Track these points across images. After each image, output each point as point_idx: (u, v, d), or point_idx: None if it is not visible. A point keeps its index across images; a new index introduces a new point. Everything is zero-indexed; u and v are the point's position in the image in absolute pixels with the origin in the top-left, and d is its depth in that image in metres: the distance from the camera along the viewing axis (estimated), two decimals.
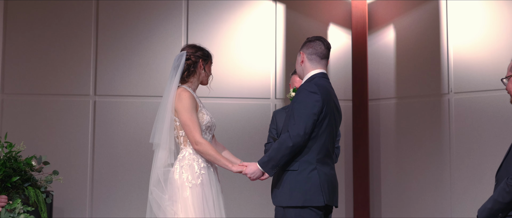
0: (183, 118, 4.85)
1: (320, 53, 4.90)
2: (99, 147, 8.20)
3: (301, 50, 4.93)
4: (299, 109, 4.68)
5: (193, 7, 8.42)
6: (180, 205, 4.80)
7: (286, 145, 4.63)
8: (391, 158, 8.24)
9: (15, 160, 4.20)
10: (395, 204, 8.15)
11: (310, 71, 4.89)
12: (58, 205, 7.98)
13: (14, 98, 8.23)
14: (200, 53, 5.06)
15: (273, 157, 4.67)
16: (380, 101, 8.37)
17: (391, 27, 8.36)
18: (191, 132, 4.83)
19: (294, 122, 4.65)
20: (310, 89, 4.71)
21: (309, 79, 4.84)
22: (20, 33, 8.28)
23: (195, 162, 4.86)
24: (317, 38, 4.96)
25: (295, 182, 4.68)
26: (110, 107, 8.27)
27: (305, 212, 4.67)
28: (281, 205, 4.73)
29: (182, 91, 4.92)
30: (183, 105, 4.85)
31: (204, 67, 5.04)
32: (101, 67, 8.30)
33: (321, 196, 4.68)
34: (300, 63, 4.92)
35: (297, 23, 8.47)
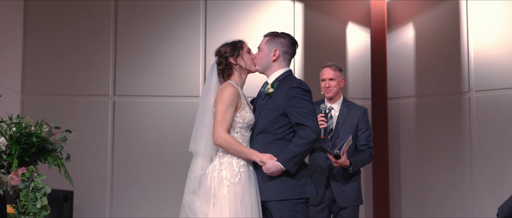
0: (217, 110, 4.78)
1: (292, 54, 5.03)
2: (118, 147, 8.22)
3: (276, 48, 4.95)
4: (306, 105, 4.75)
5: (211, 7, 8.43)
6: (215, 203, 4.72)
7: (311, 139, 4.68)
8: (411, 157, 8.19)
9: (27, 136, 4.23)
10: (415, 204, 8.11)
11: (281, 68, 4.96)
12: (79, 204, 8.01)
13: (34, 99, 8.28)
14: (225, 50, 5.00)
15: (297, 153, 4.68)
16: (400, 100, 8.33)
17: (410, 25, 8.32)
18: (216, 125, 4.78)
19: (307, 117, 4.72)
20: (304, 87, 4.81)
21: (287, 77, 4.91)
22: (39, 34, 8.33)
23: (235, 159, 4.78)
24: (290, 37, 5.02)
25: (288, 175, 4.72)
26: (129, 107, 8.29)
27: (298, 205, 4.72)
28: (274, 199, 4.73)
29: (228, 85, 4.85)
30: (222, 98, 4.80)
31: (237, 60, 4.98)
32: (120, 68, 8.32)
33: (313, 188, 4.80)
34: (272, 60, 4.94)
35: (316, 22, 8.45)
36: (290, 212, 4.69)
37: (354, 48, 8.44)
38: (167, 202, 8.10)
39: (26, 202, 4.25)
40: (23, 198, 4.25)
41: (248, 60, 4.97)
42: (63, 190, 7.52)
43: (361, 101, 8.32)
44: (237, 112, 4.82)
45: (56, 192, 7.44)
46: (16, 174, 4.26)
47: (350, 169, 5.75)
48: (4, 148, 4.27)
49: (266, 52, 4.95)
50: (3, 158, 4.27)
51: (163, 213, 8.06)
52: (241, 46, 5.00)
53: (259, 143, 4.82)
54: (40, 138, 4.29)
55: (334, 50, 8.42)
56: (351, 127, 5.86)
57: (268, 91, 4.88)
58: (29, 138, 4.25)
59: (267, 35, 5.03)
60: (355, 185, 5.85)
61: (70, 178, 4.45)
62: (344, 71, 8.33)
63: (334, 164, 5.69)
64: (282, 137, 4.80)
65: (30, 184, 4.27)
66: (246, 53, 4.99)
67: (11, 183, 4.25)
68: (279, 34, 5.01)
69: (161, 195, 8.13)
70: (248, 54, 4.99)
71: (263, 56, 4.96)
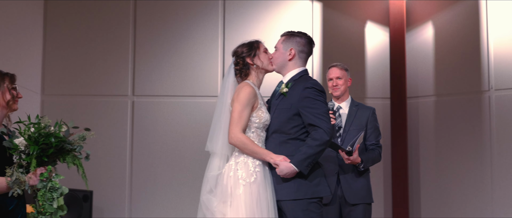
0: (233, 109, 4.80)
1: (309, 53, 5.03)
2: (137, 147, 8.25)
3: (292, 47, 4.95)
4: (320, 106, 4.76)
5: (230, 7, 8.43)
6: (231, 203, 4.73)
7: (324, 140, 4.69)
8: (430, 156, 8.16)
9: (46, 137, 4.26)
10: (434, 203, 8.07)
11: (296, 68, 4.96)
12: (98, 204, 8.05)
13: (54, 99, 8.32)
14: (242, 51, 5.02)
15: (310, 155, 4.68)
16: (419, 99, 8.29)
17: (429, 24, 8.28)
18: (232, 124, 4.78)
19: (321, 118, 4.72)
20: (319, 87, 4.80)
21: (301, 77, 4.91)
22: (59, 35, 8.38)
23: (250, 159, 4.78)
24: (306, 36, 5.02)
25: (302, 175, 4.71)
26: (148, 107, 8.32)
27: (312, 204, 4.72)
28: (288, 198, 4.73)
29: (245, 85, 4.87)
30: (239, 97, 4.81)
31: (254, 60, 4.99)
32: (139, 68, 8.35)
33: (327, 187, 4.80)
34: (288, 59, 4.95)
35: (334, 22, 8.44)
36: (304, 212, 4.68)
37: (372, 47, 8.42)
38: (185, 202, 8.11)
39: (43, 202, 4.27)
40: (40, 198, 4.28)
41: (265, 59, 4.98)
42: (82, 190, 7.55)
43: (380, 100, 8.29)
44: (253, 112, 4.83)
45: (76, 191, 7.47)
46: (34, 173, 4.28)
47: (361, 167, 5.76)
48: (23, 148, 4.30)
49: (282, 51, 4.96)
50: (22, 157, 4.30)
51: (181, 213, 8.07)
52: (257, 46, 5.01)
53: (273, 143, 4.82)
54: (58, 139, 4.31)
55: (353, 50, 8.40)
56: (360, 126, 5.90)
57: (282, 90, 4.88)
58: (48, 139, 4.28)
59: (284, 35, 5.05)
60: (364, 182, 5.88)
61: (86, 179, 4.46)
62: (363, 70, 8.34)
63: (345, 161, 5.69)
64: (296, 137, 4.79)
65: (47, 184, 4.29)
66: (263, 53, 4.99)
67: (29, 182, 4.27)
68: (296, 33, 5.01)
69: (180, 195, 8.15)
70: (265, 54, 5.00)
71: (279, 55, 4.97)
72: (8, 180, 4.25)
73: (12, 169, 4.28)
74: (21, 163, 4.32)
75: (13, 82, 4.55)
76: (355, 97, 7.98)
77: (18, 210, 4.40)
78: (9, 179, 4.25)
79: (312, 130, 4.73)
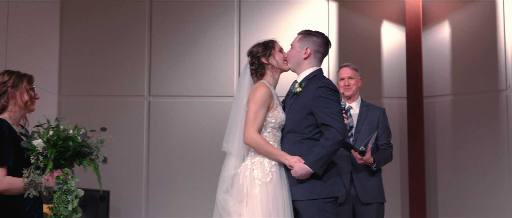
0: (249, 109, 4.79)
1: (325, 53, 5.02)
2: (153, 147, 8.27)
3: (308, 46, 4.95)
4: (333, 105, 4.74)
5: (245, 7, 8.44)
6: (247, 203, 4.72)
7: (337, 140, 4.68)
8: (448, 156, 8.12)
9: (64, 140, 4.27)
10: (452, 204, 8.03)
11: (311, 67, 4.95)
12: (115, 204, 8.07)
13: (70, 100, 8.36)
14: (257, 51, 5.01)
15: (324, 155, 4.67)
16: (436, 98, 8.26)
17: (446, 23, 8.25)
18: (247, 125, 4.78)
19: (335, 118, 4.71)
20: (332, 87, 4.79)
21: (315, 76, 4.90)
22: (75, 36, 8.41)
23: (266, 159, 4.78)
24: (323, 36, 5.01)
25: (317, 175, 4.70)
26: (164, 108, 8.33)
27: (327, 204, 4.71)
28: (303, 198, 4.73)
29: (261, 85, 4.87)
30: (254, 97, 4.81)
31: (269, 60, 4.99)
32: (155, 68, 8.37)
33: (342, 187, 4.80)
34: (303, 58, 4.94)
35: (350, 21, 8.42)
36: (319, 212, 4.68)
37: (389, 46, 8.39)
38: (202, 202, 8.12)
39: (58, 204, 4.28)
40: (55, 200, 4.29)
41: (280, 59, 4.98)
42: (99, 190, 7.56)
43: (397, 99, 8.27)
44: (269, 112, 4.82)
45: (93, 192, 7.49)
46: (51, 176, 4.30)
47: (373, 167, 5.76)
48: (41, 150, 4.32)
49: (298, 49, 4.96)
50: (40, 159, 4.32)
51: (197, 213, 8.08)
52: (272, 45, 5.01)
53: (288, 143, 4.82)
54: (76, 143, 4.32)
55: (369, 49, 8.38)
56: (372, 126, 5.91)
57: (296, 90, 4.88)
58: (66, 142, 4.29)
59: (301, 33, 5.04)
60: (377, 181, 5.88)
61: (100, 183, 4.48)
62: (379, 70, 8.31)
63: (358, 161, 5.69)
64: (310, 136, 4.78)
65: (63, 186, 4.31)
66: (278, 52, 4.99)
67: (45, 184, 4.29)
68: (313, 32, 5.00)
69: (196, 195, 8.16)
70: (280, 53, 4.99)
71: (295, 54, 4.97)
72: (25, 181, 4.27)
73: (29, 171, 4.30)
74: (38, 164, 4.34)
75: (31, 83, 4.57)
76: (371, 97, 7.99)
77: (35, 210, 4.41)
78: (26, 180, 4.27)
79: (325, 129, 4.72)
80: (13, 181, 4.30)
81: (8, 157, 4.31)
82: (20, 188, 4.31)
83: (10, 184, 4.29)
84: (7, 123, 4.40)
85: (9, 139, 4.34)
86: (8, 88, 4.47)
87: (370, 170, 5.82)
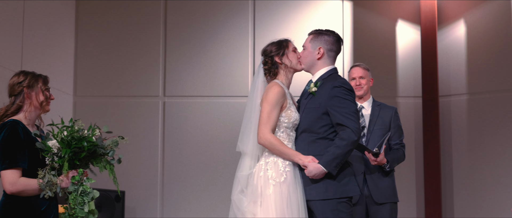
0: (262, 109, 4.79)
1: (338, 51, 5.00)
2: (168, 147, 8.28)
3: (321, 46, 4.93)
4: (348, 105, 4.73)
5: (260, 6, 8.43)
6: (262, 203, 4.72)
7: (352, 140, 4.66)
8: (463, 155, 8.09)
9: (78, 141, 4.28)
10: (467, 204, 7.99)
11: (325, 66, 4.94)
12: (130, 204, 8.09)
13: (86, 100, 8.39)
14: (271, 50, 5.00)
15: (338, 155, 4.66)
16: (451, 97, 8.23)
17: (461, 22, 8.21)
18: (261, 125, 4.78)
19: (349, 118, 4.69)
20: (347, 86, 4.78)
21: (330, 76, 4.88)
22: (90, 36, 8.44)
23: (280, 159, 4.78)
24: (334, 34, 4.99)
25: (331, 175, 4.69)
26: (179, 108, 8.35)
27: (341, 204, 4.70)
28: (317, 198, 4.72)
29: (274, 85, 4.86)
30: (267, 97, 4.80)
31: (282, 59, 4.98)
32: (169, 68, 8.38)
33: (356, 186, 4.77)
34: (317, 58, 4.92)
35: (365, 20, 8.40)
36: (333, 211, 4.66)
37: (404, 45, 8.37)
38: (217, 202, 8.13)
39: (74, 206, 4.29)
40: (71, 202, 4.31)
41: (294, 59, 4.96)
42: (115, 190, 7.59)
43: (412, 99, 8.24)
44: (282, 112, 4.82)
45: (108, 192, 7.52)
46: (66, 176, 4.31)
47: (387, 167, 5.75)
48: (56, 150, 4.33)
49: (310, 50, 4.94)
50: (55, 160, 4.33)
51: (213, 213, 8.09)
52: (286, 45, 5.00)
53: (302, 142, 4.81)
54: (90, 143, 4.33)
55: (384, 48, 8.36)
56: (384, 125, 5.89)
57: (311, 90, 4.86)
58: (80, 142, 4.30)
59: (311, 33, 5.03)
60: (390, 181, 5.86)
61: (117, 184, 4.49)
62: (394, 69, 8.29)
63: (371, 163, 5.68)
64: (324, 136, 4.77)
65: (78, 187, 4.32)
66: (292, 52, 4.98)
67: (61, 185, 4.30)
68: (323, 31, 4.99)
69: (211, 195, 8.16)
70: (294, 53, 4.98)
71: (307, 54, 4.96)
72: (40, 182, 4.29)
73: (44, 171, 4.32)
74: (53, 165, 4.35)
75: (46, 84, 4.59)
76: (387, 96, 7.97)
77: (50, 211, 4.43)
78: (41, 181, 4.29)
79: (340, 129, 4.71)
80: (28, 183, 4.32)
81: (22, 159, 4.32)
82: (35, 189, 4.32)
83: (25, 185, 4.31)
84: (22, 124, 4.41)
85: (24, 140, 4.36)
86: (24, 89, 4.49)
87: (383, 170, 5.81)
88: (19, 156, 4.31)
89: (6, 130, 4.33)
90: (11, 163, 4.29)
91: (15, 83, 4.51)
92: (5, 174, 4.30)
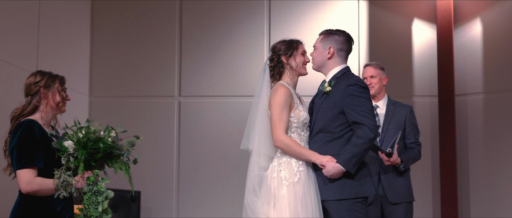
0: (272, 112, 4.80)
1: (348, 50, 4.99)
2: (184, 147, 8.29)
3: (331, 45, 4.92)
4: (363, 103, 4.70)
5: (275, 6, 8.43)
6: (275, 204, 4.72)
7: (369, 138, 4.64)
8: (480, 155, 8.04)
9: (94, 142, 4.28)
10: (484, 203, 7.95)
11: (337, 66, 4.92)
12: (146, 205, 8.10)
13: (101, 101, 8.41)
14: (280, 48, 5.00)
15: (356, 153, 4.63)
16: (467, 96, 8.18)
17: (477, 21, 8.17)
18: (274, 128, 4.79)
19: (365, 116, 4.67)
20: (362, 84, 4.76)
21: (344, 74, 4.87)
22: (106, 37, 8.46)
23: (293, 159, 4.78)
24: (345, 34, 4.99)
25: (347, 175, 4.67)
26: (195, 108, 8.35)
27: (356, 204, 4.68)
28: (333, 199, 4.70)
29: (280, 86, 4.86)
30: (275, 100, 4.81)
31: (289, 60, 4.97)
32: (185, 68, 8.39)
33: (372, 187, 4.75)
34: (327, 58, 4.91)
35: (381, 20, 8.37)
36: (348, 212, 4.65)
37: (420, 44, 8.33)
38: (232, 202, 8.13)
39: (88, 205, 4.30)
40: (86, 201, 4.31)
41: (300, 62, 4.97)
42: (130, 190, 7.60)
43: (428, 98, 8.21)
44: (291, 112, 4.82)
45: (124, 192, 7.53)
46: (82, 177, 4.32)
47: (401, 167, 5.72)
48: (72, 151, 4.34)
49: (321, 50, 4.95)
50: (70, 160, 4.33)
51: (228, 213, 8.09)
52: (296, 46, 4.99)
53: (318, 142, 4.80)
54: (106, 144, 4.33)
55: (400, 47, 8.33)
56: (399, 124, 5.88)
57: (325, 89, 4.85)
58: (96, 144, 4.30)
59: (322, 33, 5.03)
60: (405, 180, 5.84)
61: (132, 185, 4.49)
62: (410, 68, 8.25)
63: (385, 163, 5.66)
64: (340, 135, 4.76)
65: (93, 187, 4.32)
66: (300, 55, 4.97)
67: (76, 185, 4.31)
68: (334, 31, 4.98)
69: (227, 195, 8.16)
70: (302, 56, 4.98)
71: (318, 55, 4.96)
72: (56, 182, 4.29)
73: (59, 171, 4.32)
74: (69, 165, 4.35)
75: (63, 84, 4.60)
76: (402, 95, 7.94)
77: (65, 211, 4.44)
78: (57, 181, 4.29)
79: (356, 128, 4.69)
80: (43, 182, 4.32)
81: (38, 158, 4.33)
82: (50, 189, 4.33)
83: (40, 185, 4.32)
84: (38, 124, 4.42)
85: (40, 140, 4.36)
86: (41, 89, 4.50)
87: (398, 170, 5.78)
88: (34, 156, 4.32)
89: (22, 130, 4.34)
90: (27, 162, 4.30)
91: (32, 83, 4.51)
92: (20, 174, 4.31)
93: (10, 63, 6.61)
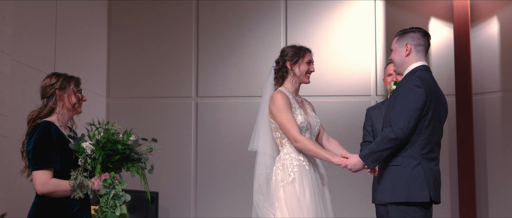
0: (279, 119, 4.89)
1: (426, 45, 4.82)
2: (201, 147, 8.31)
3: (407, 42, 4.79)
4: (403, 103, 4.56)
5: (292, 6, 8.42)
6: (277, 205, 4.88)
7: (389, 138, 4.53)
8: (498, 154, 8.00)
9: (113, 143, 4.29)
10: (503, 203, 7.90)
11: (413, 63, 4.77)
12: (164, 205, 8.13)
13: (119, 102, 8.44)
14: (287, 53, 5.05)
15: (374, 150, 4.60)
16: (485, 95, 8.14)
17: (494, 19, 8.12)
18: (288, 131, 4.87)
19: (398, 116, 4.55)
20: (414, 82, 4.58)
21: (411, 72, 4.72)
22: (123, 38, 8.50)
23: (288, 161, 4.90)
24: (419, 30, 4.86)
25: (398, 178, 4.55)
26: (212, 108, 8.37)
27: (410, 209, 4.54)
28: (383, 202, 4.64)
29: (275, 94, 4.97)
30: (276, 106, 4.90)
31: (293, 67, 5.01)
32: (202, 69, 8.41)
33: (427, 192, 4.53)
34: (405, 55, 4.78)
35: (397, 19, 8.35)
36: (402, 214, 4.54)
37: (437, 43, 8.30)
38: (250, 202, 8.05)
39: (106, 209, 4.31)
40: (103, 204, 4.32)
41: (303, 70, 5.04)
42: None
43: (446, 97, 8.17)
44: None
45: (142, 193, 7.56)
46: (99, 178, 4.33)
47: None
48: (89, 152, 4.35)
49: (398, 49, 4.81)
50: (88, 161, 4.35)
51: (246, 213, 8.09)
52: (303, 54, 5.05)
53: None
54: (125, 146, 4.34)
55: None
56: None
57: (390, 88, 4.87)
58: (115, 145, 4.31)
59: (397, 34, 4.90)
60: None
61: (148, 189, 4.48)
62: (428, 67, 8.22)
63: None
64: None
65: (111, 191, 4.33)
66: (305, 64, 5.04)
67: (92, 187, 4.32)
68: (408, 29, 4.87)
69: (244, 195, 8.17)
70: (306, 65, 5.04)
71: (396, 54, 4.83)
72: (72, 183, 4.31)
73: (76, 172, 4.34)
74: (86, 167, 4.37)
75: (78, 85, 4.61)
76: None
77: (83, 211, 4.46)
78: (73, 182, 4.31)
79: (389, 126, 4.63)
80: (59, 184, 4.34)
81: (54, 159, 4.35)
82: (66, 190, 4.33)
83: (56, 186, 4.33)
84: (54, 125, 4.44)
85: (56, 141, 4.38)
86: (56, 91, 4.51)
87: None
88: (51, 157, 4.33)
89: (39, 131, 4.36)
90: (43, 163, 4.32)
91: (47, 85, 4.53)
92: (36, 175, 4.33)
93: (27, 65, 6.65)
